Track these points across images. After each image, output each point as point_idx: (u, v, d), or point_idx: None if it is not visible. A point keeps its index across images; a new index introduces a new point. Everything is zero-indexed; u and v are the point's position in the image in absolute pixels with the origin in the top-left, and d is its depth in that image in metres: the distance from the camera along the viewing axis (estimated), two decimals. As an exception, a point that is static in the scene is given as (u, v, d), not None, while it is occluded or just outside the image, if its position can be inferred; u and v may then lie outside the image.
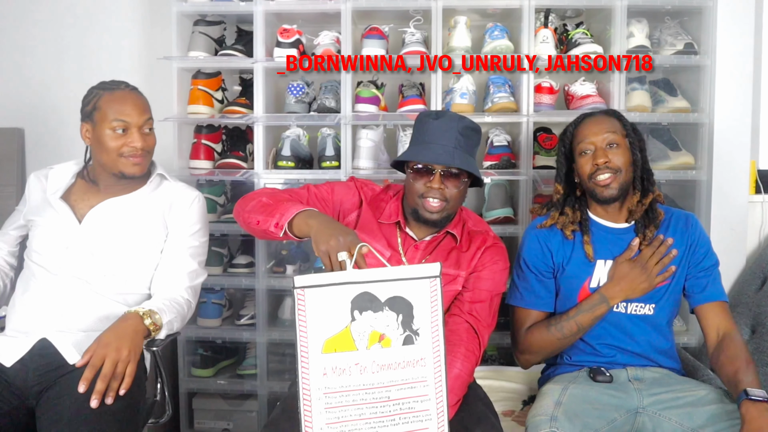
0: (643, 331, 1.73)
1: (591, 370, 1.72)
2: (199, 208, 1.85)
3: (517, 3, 2.32)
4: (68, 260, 1.70)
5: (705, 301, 1.74)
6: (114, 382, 1.50)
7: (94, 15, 2.73)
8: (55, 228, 1.73)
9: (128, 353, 1.52)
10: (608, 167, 1.70)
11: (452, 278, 1.65)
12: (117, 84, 1.76)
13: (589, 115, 1.81)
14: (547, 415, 1.54)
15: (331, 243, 1.32)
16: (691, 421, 1.56)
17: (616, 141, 1.72)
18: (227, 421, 2.53)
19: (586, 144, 1.74)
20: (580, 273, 1.76)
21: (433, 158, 1.56)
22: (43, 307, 1.68)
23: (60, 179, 1.80)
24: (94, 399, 1.46)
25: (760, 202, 2.53)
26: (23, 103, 2.79)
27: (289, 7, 2.39)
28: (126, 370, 1.52)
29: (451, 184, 1.58)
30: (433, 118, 1.61)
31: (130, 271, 1.74)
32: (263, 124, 2.39)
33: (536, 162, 2.38)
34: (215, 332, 2.46)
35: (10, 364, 1.60)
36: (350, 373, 1.23)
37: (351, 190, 1.73)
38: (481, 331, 1.60)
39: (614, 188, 1.71)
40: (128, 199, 1.78)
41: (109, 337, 1.54)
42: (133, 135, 1.71)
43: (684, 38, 2.36)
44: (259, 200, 1.54)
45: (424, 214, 1.60)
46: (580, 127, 1.77)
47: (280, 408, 1.54)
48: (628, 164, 1.73)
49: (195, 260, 1.81)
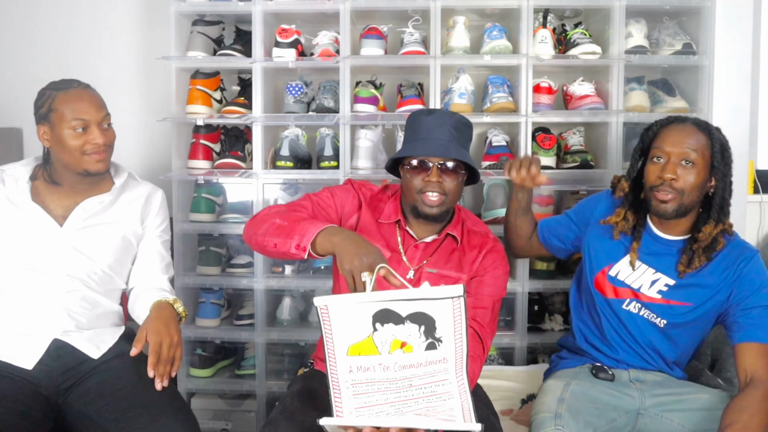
0: (650, 335, 1.71)
1: (594, 367, 1.72)
2: (166, 206, 1.94)
3: (516, 3, 2.32)
4: (55, 260, 1.71)
5: (741, 341, 1.59)
6: (168, 366, 1.60)
7: (93, 15, 2.73)
8: (29, 230, 1.71)
9: (178, 338, 1.64)
10: (672, 186, 1.58)
11: (454, 281, 1.65)
12: (69, 83, 1.73)
13: (680, 120, 1.65)
14: (551, 413, 1.53)
15: (354, 263, 1.30)
16: (693, 424, 1.56)
17: (693, 159, 1.58)
18: (226, 421, 2.53)
19: (661, 151, 1.61)
20: (604, 258, 1.74)
21: (429, 152, 1.58)
22: (42, 307, 1.69)
23: (18, 181, 1.75)
24: (158, 382, 1.57)
25: (758, 202, 2.53)
26: (22, 103, 2.76)
27: (288, 7, 2.39)
28: (176, 353, 1.62)
29: (449, 177, 1.59)
30: (425, 114, 1.63)
31: (116, 267, 1.80)
32: (262, 124, 2.38)
33: (535, 162, 2.38)
34: (214, 332, 2.46)
35: (31, 366, 1.63)
36: (374, 371, 1.27)
37: (349, 192, 1.73)
38: (484, 337, 1.61)
39: (671, 208, 1.60)
40: (105, 198, 1.79)
41: (158, 324, 1.63)
42: (93, 132, 1.69)
43: (682, 38, 2.36)
44: (271, 222, 1.50)
45: (423, 209, 1.60)
46: (665, 130, 1.64)
47: (279, 408, 1.54)
48: (698, 187, 1.59)
49: (168, 253, 1.91)
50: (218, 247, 2.49)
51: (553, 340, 2.38)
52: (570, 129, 2.46)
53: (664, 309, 1.68)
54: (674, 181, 1.58)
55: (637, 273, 1.70)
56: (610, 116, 2.32)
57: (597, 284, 1.75)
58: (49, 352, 1.66)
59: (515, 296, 2.38)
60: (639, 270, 1.70)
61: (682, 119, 1.65)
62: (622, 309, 1.71)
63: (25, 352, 1.65)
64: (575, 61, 2.31)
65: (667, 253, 1.69)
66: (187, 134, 2.50)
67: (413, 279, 1.65)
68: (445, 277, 1.65)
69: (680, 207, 1.60)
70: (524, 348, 2.38)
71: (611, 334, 1.74)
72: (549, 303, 2.51)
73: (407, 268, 1.66)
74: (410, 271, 1.66)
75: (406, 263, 1.66)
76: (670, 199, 1.59)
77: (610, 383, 1.68)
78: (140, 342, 1.62)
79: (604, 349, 1.75)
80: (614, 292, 1.72)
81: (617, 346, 1.73)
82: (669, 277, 1.68)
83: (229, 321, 2.56)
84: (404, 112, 2.34)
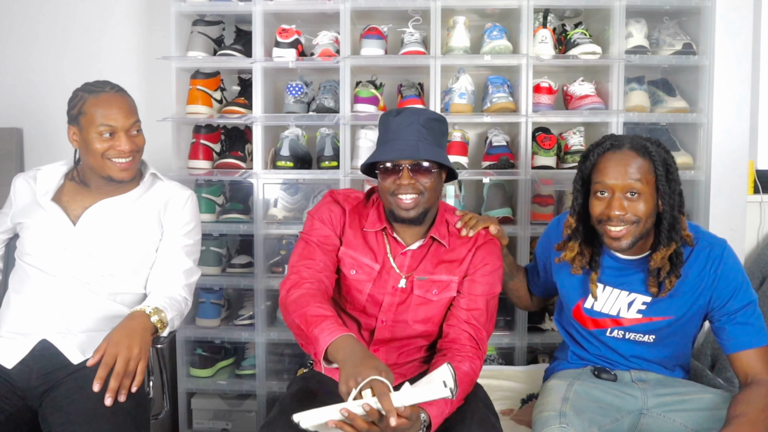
0: (640, 351, 1.69)
1: (595, 368, 1.71)
2: (193, 207, 1.86)
3: (516, 3, 2.32)
4: (65, 261, 1.70)
5: (735, 350, 1.55)
6: (126, 380, 1.50)
7: (93, 15, 2.74)
8: (48, 229, 1.72)
9: (139, 351, 1.53)
10: (623, 220, 1.51)
11: (446, 285, 1.63)
12: (102, 85, 1.73)
13: (616, 146, 1.54)
14: (556, 411, 1.52)
15: (350, 383, 1.26)
16: (696, 423, 1.55)
17: (638, 189, 1.50)
18: (226, 421, 2.53)
19: (603, 186, 1.53)
20: (575, 294, 1.72)
21: (396, 155, 1.53)
22: (42, 308, 1.68)
23: (49, 181, 1.79)
24: (108, 397, 1.46)
25: (759, 202, 2.53)
26: (22, 103, 2.79)
27: (288, 7, 2.39)
28: (138, 367, 1.52)
29: (422, 176, 1.54)
30: (393, 115, 1.57)
31: (127, 271, 1.74)
32: (262, 124, 2.38)
33: (535, 162, 2.39)
34: (214, 332, 2.46)
35: (11, 366, 1.61)
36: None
37: (331, 206, 1.67)
38: (481, 339, 1.59)
39: (626, 244, 1.53)
40: (123, 200, 1.77)
41: (119, 335, 1.54)
42: (120, 138, 1.69)
43: (682, 38, 2.37)
44: (292, 321, 1.48)
45: (399, 213, 1.56)
46: (602, 161, 1.54)
47: (278, 408, 1.54)
48: (649, 214, 1.52)
49: (190, 258, 1.82)
50: (218, 247, 2.49)
51: (553, 340, 2.39)
52: (570, 129, 2.46)
53: (647, 327, 1.65)
54: (624, 216, 1.51)
55: (611, 299, 1.67)
56: (611, 116, 2.32)
57: (576, 317, 1.74)
58: (33, 353, 1.62)
59: (515, 296, 2.38)
60: (613, 295, 1.66)
61: (619, 145, 1.54)
62: (606, 337, 1.70)
63: (10, 350, 1.63)
64: (575, 61, 2.31)
65: (633, 273, 1.64)
66: (188, 134, 2.50)
67: (405, 287, 1.63)
68: (437, 282, 1.63)
69: (635, 238, 1.53)
70: (524, 348, 2.39)
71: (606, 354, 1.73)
72: (549, 303, 2.50)
73: (398, 276, 1.64)
74: (401, 280, 1.63)
75: (397, 271, 1.64)
76: (623, 235, 1.52)
77: (612, 383, 1.67)
78: (99, 352, 1.51)
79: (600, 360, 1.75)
80: (594, 323, 1.70)
81: (611, 360, 1.74)
82: (644, 294, 1.64)
83: (229, 321, 2.56)
84: (404, 112, 2.34)
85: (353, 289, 1.64)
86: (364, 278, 1.63)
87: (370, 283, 1.63)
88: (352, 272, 1.63)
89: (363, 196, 1.72)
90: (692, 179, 2.34)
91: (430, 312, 1.63)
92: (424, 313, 1.63)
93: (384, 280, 1.63)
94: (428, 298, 1.62)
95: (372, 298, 1.63)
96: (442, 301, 1.63)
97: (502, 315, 2.39)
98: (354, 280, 1.63)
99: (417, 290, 1.63)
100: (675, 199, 1.54)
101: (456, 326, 1.60)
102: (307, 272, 1.57)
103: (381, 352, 1.66)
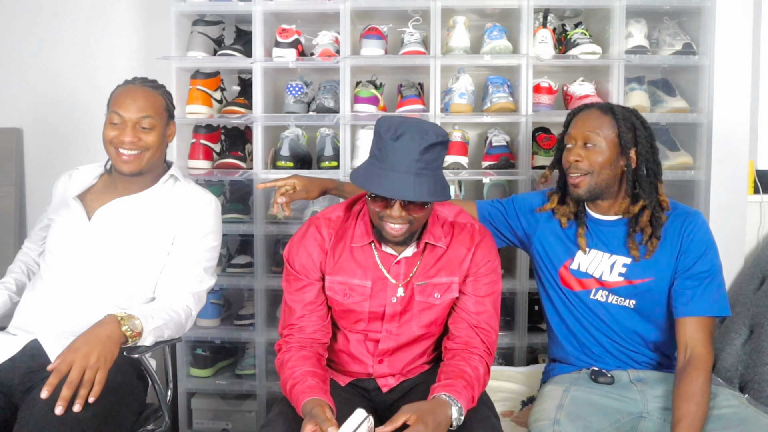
0: (626, 319, 1.71)
1: (592, 372, 1.71)
2: (212, 212, 1.80)
3: (516, 3, 2.33)
4: (74, 261, 1.69)
5: (683, 315, 1.61)
6: (83, 390, 1.41)
7: (93, 15, 2.74)
8: (68, 226, 1.73)
9: (97, 359, 1.44)
10: (578, 167, 1.67)
11: (447, 286, 1.60)
12: (134, 79, 1.79)
13: (587, 107, 1.74)
14: (550, 420, 1.53)
15: None
16: None
17: (595, 141, 1.66)
18: (226, 421, 2.53)
19: (569, 138, 1.71)
20: (563, 252, 1.76)
21: (390, 193, 1.41)
22: (41, 307, 1.68)
23: (83, 179, 1.82)
24: (58, 406, 1.37)
25: (759, 202, 2.52)
26: (22, 103, 2.79)
27: (288, 7, 2.39)
28: (95, 377, 1.43)
29: (413, 210, 1.47)
30: (391, 137, 1.41)
31: (134, 273, 1.71)
32: (262, 124, 2.38)
33: (535, 162, 2.39)
34: (214, 332, 2.46)
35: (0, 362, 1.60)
36: None
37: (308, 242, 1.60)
38: (491, 342, 1.59)
39: (583, 191, 1.67)
40: (136, 198, 1.75)
41: (79, 342, 1.46)
42: (126, 130, 1.70)
43: (682, 38, 2.37)
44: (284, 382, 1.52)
45: (387, 236, 1.51)
46: (574, 119, 1.74)
47: (277, 409, 1.54)
48: (605, 166, 1.66)
49: (201, 265, 1.75)
50: (218, 247, 2.49)
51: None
52: (570, 129, 2.46)
53: (629, 290, 1.70)
54: (579, 163, 1.66)
55: (595, 261, 1.73)
56: (611, 116, 2.32)
57: (563, 280, 1.76)
58: (24, 351, 1.60)
59: (515, 296, 2.38)
60: (596, 258, 1.73)
61: (589, 105, 1.74)
62: (591, 299, 1.73)
63: (2, 346, 1.62)
64: (575, 61, 2.32)
65: (612, 235, 1.72)
66: (188, 134, 2.50)
67: (404, 295, 1.59)
68: (438, 285, 1.60)
69: (591, 188, 1.67)
70: (524, 348, 2.39)
71: (593, 333, 1.73)
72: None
73: (395, 286, 1.59)
74: (399, 288, 1.59)
75: (392, 281, 1.59)
76: (579, 182, 1.67)
77: (610, 387, 1.67)
78: (58, 358, 1.45)
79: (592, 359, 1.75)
80: (580, 284, 1.74)
81: (600, 344, 1.73)
82: (624, 256, 1.70)
83: (229, 321, 2.56)
84: (404, 112, 2.34)
85: (351, 312, 1.61)
86: (360, 298, 1.59)
87: (366, 301, 1.59)
88: (346, 298, 1.59)
89: (344, 210, 1.64)
90: (692, 179, 2.34)
91: (434, 315, 1.61)
92: (428, 317, 1.61)
93: (381, 292, 1.59)
94: (431, 302, 1.60)
95: (373, 314, 1.60)
96: (445, 302, 1.61)
97: (503, 315, 2.38)
98: (350, 303, 1.60)
99: (418, 296, 1.59)
100: (645, 157, 1.68)
101: (467, 329, 1.58)
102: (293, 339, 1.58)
103: (385, 363, 1.64)
